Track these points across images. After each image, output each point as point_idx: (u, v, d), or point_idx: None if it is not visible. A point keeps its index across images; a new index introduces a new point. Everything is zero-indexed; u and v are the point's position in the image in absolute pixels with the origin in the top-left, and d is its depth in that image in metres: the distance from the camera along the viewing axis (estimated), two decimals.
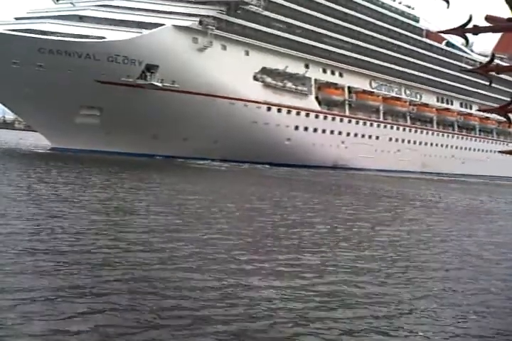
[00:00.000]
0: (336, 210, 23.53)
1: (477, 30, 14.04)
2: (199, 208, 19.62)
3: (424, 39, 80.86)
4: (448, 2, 14.42)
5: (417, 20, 79.71)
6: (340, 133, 68.18)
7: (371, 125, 73.17)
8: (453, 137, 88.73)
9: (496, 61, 42.18)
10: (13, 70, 43.02)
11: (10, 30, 45.14)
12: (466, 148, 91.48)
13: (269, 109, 58.67)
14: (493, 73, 16.92)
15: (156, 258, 11.26)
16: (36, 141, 59.07)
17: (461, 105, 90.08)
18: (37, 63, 43.22)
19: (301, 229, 17.01)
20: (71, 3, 52.80)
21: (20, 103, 47.02)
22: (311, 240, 15.20)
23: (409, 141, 78.93)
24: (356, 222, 19.94)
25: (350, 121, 70.05)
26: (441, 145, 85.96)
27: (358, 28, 70.76)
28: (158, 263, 10.82)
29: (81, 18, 48.65)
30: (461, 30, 14.55)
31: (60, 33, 45.11)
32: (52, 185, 22.43)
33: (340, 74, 69.50)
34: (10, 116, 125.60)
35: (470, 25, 13.66)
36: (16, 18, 51.00)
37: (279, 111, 59.88)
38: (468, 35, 14.38)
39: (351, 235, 16.94)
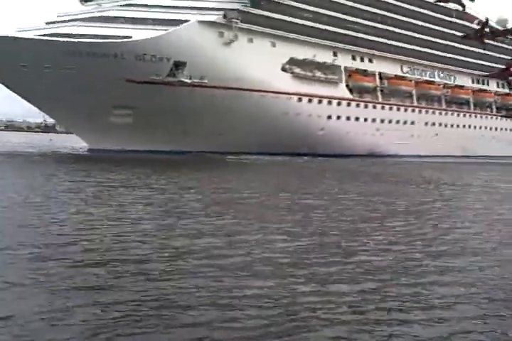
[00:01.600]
0: (400, 201, 21.45)
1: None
2: (256, 206, 18.39)
3: (455, 20, 79.15)
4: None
5: (447, 1, 77.84)
6: (374, 120, 67.39)
7: (405, 110, 72.15)
8: (491, 118, 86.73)
9: None
10: (46, 75, 43.81)
11: (40, 35, 46.06)
12: (507, 129, 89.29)
13: (299, 99, 58.37)
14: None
15: (216, 264, 10.10)
16: (75, 143, 59.82)
17: (497, 85, 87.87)
18: (67, 66, 43.86)
19: (371, 224, 15.35)
20: (97, 4, 53.59)
21: (55, 106, 47.87)
22: (387, 240, 13.19)
23: (446, 125, 77.50)
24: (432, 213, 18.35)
25: (383, 108, 69.15)
26: (481, 128, 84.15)
27: (386, 13, 69.84)
28: (218, 270, 9.70)
29: (107, 19, 49.17)
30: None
31: (87, 34, 45.74)
32: (104, 189, 21.52)
33: (370, 61, 68.67)
34: (51, 119, 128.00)
35: None
36: (47, 23, 51.93)
37: (310, 101, 59.52)
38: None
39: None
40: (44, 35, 45.39)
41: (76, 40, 44.64)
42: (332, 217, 16.41)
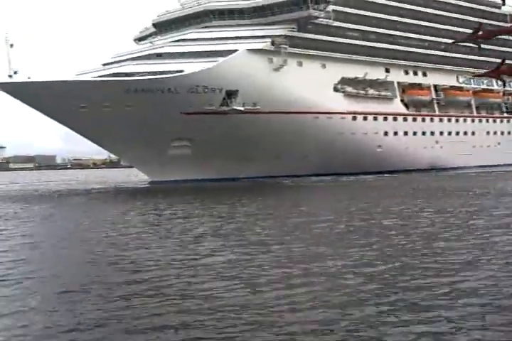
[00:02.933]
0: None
1: None
2: (336, 231, 17.64)
3: (510, 24, 77.44)
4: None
5: (498, 7, 76.60)
6: (432, 133, 66.57)
7: (464, 121, 70.91)
8: None
9: None
10: (105, 113, 45.84)
11: (98, 76, 48.32)
12: None
13: (354, 118, 58.46)
14: None
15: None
16: (136, 176, 61.81)
17: None
18: (125, 104, 45.77)
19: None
20: (150, 42, 55.78)
21: (116, 143, 49.88)
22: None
23: (509, 132, 75.51)
24: None
25: (441, 120, 68.24)
26: None
27: (436, 25, 69.24)
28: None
29: (160, 56, 51.09)
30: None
31: (141, 72, 47.65)
32: (185, 220, 21.84)
33: (424, 74, 68.08)
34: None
35: None
36: (103, 64, 54.38)
37: (364, 119, 59.52)
38: None
39: None
40: (101, 76, 47.60)
41: (131, 78, 46.57)
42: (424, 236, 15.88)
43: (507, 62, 57.24)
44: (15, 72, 44.14)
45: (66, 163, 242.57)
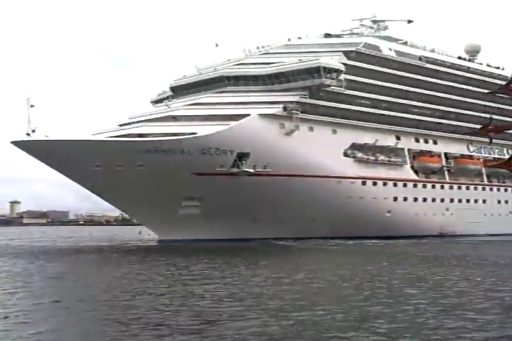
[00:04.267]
0: None
1: None
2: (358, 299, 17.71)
3: None
4: None
5: (506, 80, 78.47)
6: (442, 200, 66.97)
7: (475, 189, 71.37)
8: None
9: None
10: (118, 172, 47.21)
11: (113, 136, 50.11)
12: None
13: (363, 183, 59.29)
14: None
15: None
16: (149, 235, 62.45)
17: None
18: (137, 163, 47.20)
19: None
20: (166, 105, 57.93)
21: (126, 201, 50.95)
22: None
23: None
24: None
25: (451, 187, 68.78)
26: None
27: (447, 95, 71.03)
28: None
29: (174, 118, 52.99)
30: (508, 88, 15.22)
31: (155, 133, 49.35)
32: (201, 282, 21.96)
33: (435, 142, 69.30)
34: None
35: None
36: (120, 125, 56.40)
37: (374, 184, 60.28)
38: None
39: None
40: (117, 136, 49.35)
41: (145, 138, 48.19)
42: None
43: None
44: (33, 131, 46.06)
45: (79, 219, 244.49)
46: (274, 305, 16.26)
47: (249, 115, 52.72)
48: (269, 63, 58.76)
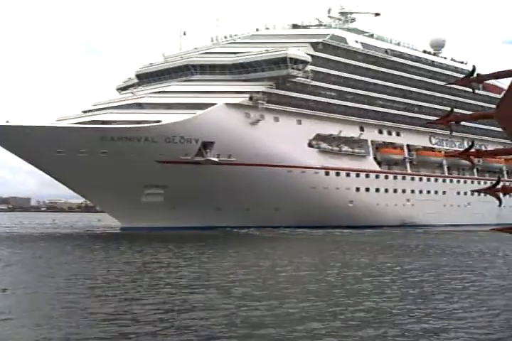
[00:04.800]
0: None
1: (481, 78, 15.04)
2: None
3: (482, 92, 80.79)
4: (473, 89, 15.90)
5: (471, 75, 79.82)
6: (404, 191, 68.32)
7: (436, 180, 72.96)
8: None
9: None
10: (80, 159, 46.99)
11: (76, 123, 49.78)
12: None
13: (327, 173, 60.09)
14: None
15: None
16: (105, 221, 62.42)
17: None
18: (101, 150, 47.05)
19: None
20: (131, 92, 57.69)
21: (89, 188, 50.76)
22: None
23: (479, 193, 77.26)
24: None
25: (413, 179, 70.23)
26: None
27: (411, 88, 72.29)
28: None
29: (140, 105, 52.89)
30: (467, 81, 15.67)
31: (120, 120, 49.23)
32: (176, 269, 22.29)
33: (398, 134, 70.50)
34: None
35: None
36: (84, 111, 56.01)
37: (337, 174, 61.16)
38: None
39: None
40: (80, 123, 49.06)
41: (109, 126, 48.03)
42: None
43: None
44: None
45: (41, 205, 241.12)
46: (239, 293, 16.46)
47: (215, 104, 52.89)
48: (236, 53, 58.94)
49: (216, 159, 51.61)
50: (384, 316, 13.48)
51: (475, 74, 14.75)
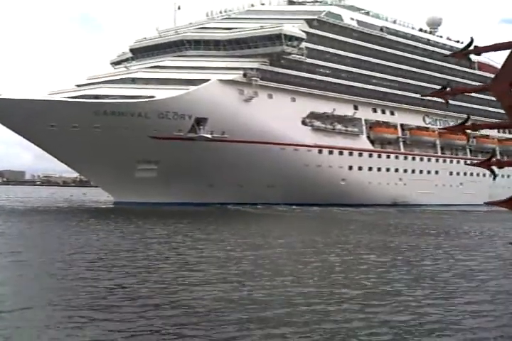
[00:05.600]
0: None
1: (479, 50, 14.96)
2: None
3: (476, 71, 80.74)
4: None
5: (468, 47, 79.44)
6: (396, 170, 68.52)
7: (429, 160, 73.18)
8: None
9: None
10: (73, 133, 46.87)
11: (69, 97, 49.52)
12: None
13: (320, 151, 60.13)
14: None
15: None
16: (99, 195, 62.41)
17: None
18: (94, 125, 46.90)
19: None
20: (125, 67, 57.31)
21: (83, 163, 50.75)
22: None
23: (471, 174, 77.76)
24: None
25: (406, 158, 70.35)
26: (509, 176, 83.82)
27: (406, 67, 72.10)
28: None
29: (133, 80, 52.61)
30: (464, 53, 15.58)
31: (113, 95, 48.96)
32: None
33: (392, 113, 70.46)
34: None
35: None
36: (77, 85, 55.67)
37: (330, 152, 61.21)
38: None
39: None
40: (74, 97, 48.79)
41: (101, 100, 47.79)
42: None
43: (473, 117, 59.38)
44: None
45: (35, 179, 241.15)
46: (236, 271, 16.29)
47: (208, 80, 52.61)
48: (230, 28, 58.51)
49: (209, 135, 51.51)
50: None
51: (472, 47, 14.71)
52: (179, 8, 61.55)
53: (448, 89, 15.88)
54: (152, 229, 28.76)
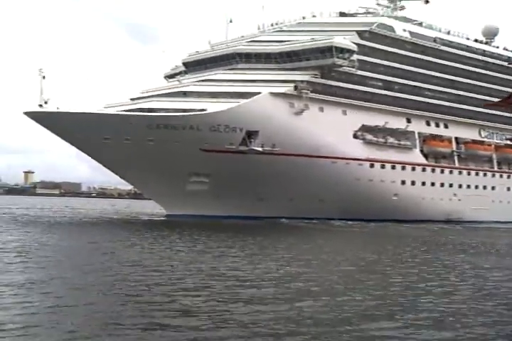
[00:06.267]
0: None
1: None
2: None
3: None
4: None
5: None
6: (451, 185, 66.75)
7: (485, 175, 71.04)
8: None
9: None
10: (127, 145, 47.34)
11: (124, 110, 50.10)
12: None
13: (372, 165, 59.09)
14: None
15: None
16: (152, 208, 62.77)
17: None
18: (147, 138, 47.27)
19: None
20: (178, 80, 57.74)
21: (135, 175, 51.20)
22: None
23: None
24: None
25: (460, 173, 68.51)
26: None
27: (461, 79, 70.36)
28: None
29: (185, 94, 52.83)
30: None
31: (166, 108, 49.33)
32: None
33: (446, 126, 68.83)
34: None
35: None
36: (131, 99, 56.33)
37: (382, 167, 60.09)
38: None
39: None
40: (128, 111, 49.35)
41: (154, 114, 48.16)
42: None
43: None
44: (45, 102, 46.17)
45: (91, 191, 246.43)
46: (295, 288, 15.74)
47: (259, 93, 52.45)
48: (282, 41, 58.27)
49: (260, 149, 51.25)
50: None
51: None
52: (231, 21, 61.68)
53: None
54: (205, 243, 28.42)
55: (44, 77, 46.41)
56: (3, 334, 9.90)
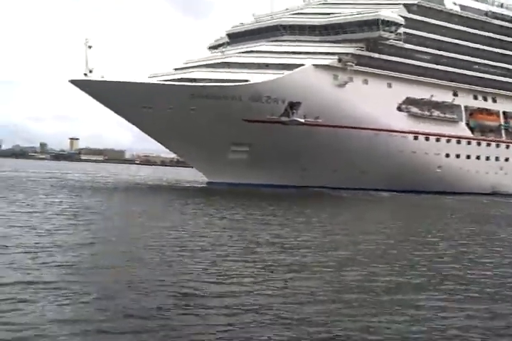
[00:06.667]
0: None
1: None
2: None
3: None
4: None
5: None
6: (497, 158, 65.83)
7: None
8: None
9: None
10: (170, 114, 48.70)
11: (167, 80, 51.38)
12: None
13: (415, 137, 58.88)
14: None
15: None
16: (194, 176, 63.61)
17: None
18: (189, 107, 48.48)
19: None
20: (221, 51, 58.62)
21: (178, 143, 52.66)
22: None
23: None
24: None
25: (508, 147, 67.35)
26: None
27: (510, 52, 68.69)
28: None
29: (228, 65, 53.64)
30: None
31: (208, 79, 50.31)
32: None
33: (494, 100, 67.67)
34: None
35: None
36: (175, 69, 57.61)
37: (426, 139, 59.78)
38: None
39: None
40: (171, 80, 50.60)
41: (197, 83, 49.23)
42: None
43: None
44: (90, 71, 47.63)
45: (134, 158, 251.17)
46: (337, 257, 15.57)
47: (303, 65, 52.77)
48: (327, 13, 58.22)
49: (302, 120, 51.73)
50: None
51: None
52: None
53: None
54: (249, 211, 28.10)
55: (90, 47, 47.83)
56: (55, 292, 10.30)
